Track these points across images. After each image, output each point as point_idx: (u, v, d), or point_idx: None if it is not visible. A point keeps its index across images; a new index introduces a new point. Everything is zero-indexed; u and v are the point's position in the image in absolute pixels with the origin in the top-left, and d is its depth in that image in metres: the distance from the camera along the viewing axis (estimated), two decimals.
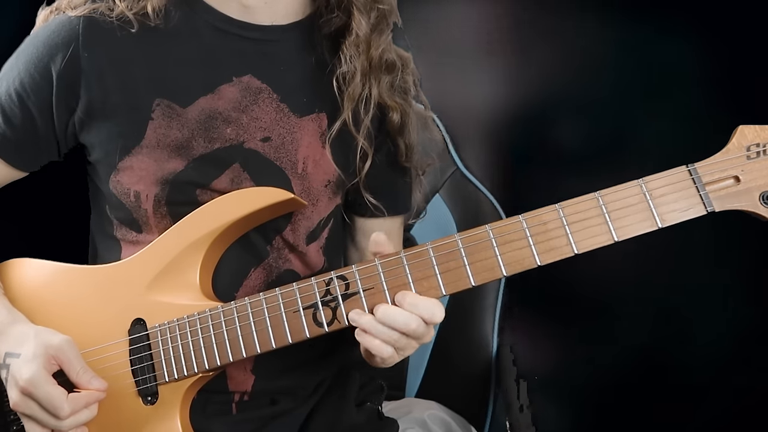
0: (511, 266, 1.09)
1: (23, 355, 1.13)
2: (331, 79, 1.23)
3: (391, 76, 1.26)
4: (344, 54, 1.22)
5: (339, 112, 1.23)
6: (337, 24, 1.24)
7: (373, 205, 1.30)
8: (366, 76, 1.23)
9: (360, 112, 1.24)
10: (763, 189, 1.06)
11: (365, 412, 1.35)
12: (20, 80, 1.22)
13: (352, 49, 1.22)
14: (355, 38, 1.22)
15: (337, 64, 1.23)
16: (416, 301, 1.09)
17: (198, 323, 1.17)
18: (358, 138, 1.24)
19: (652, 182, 1.07)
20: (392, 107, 1.26)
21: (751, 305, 1.51)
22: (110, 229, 1.27)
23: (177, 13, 1.23)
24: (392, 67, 1.26)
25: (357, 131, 1.23)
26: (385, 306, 1.10)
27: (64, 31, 1.21)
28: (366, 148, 1.25)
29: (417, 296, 1.10)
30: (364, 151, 1.25)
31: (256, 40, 1.24)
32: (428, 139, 1.37)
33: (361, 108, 1.24)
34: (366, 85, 1.23)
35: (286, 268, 1.27)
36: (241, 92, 1.23)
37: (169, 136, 1.21)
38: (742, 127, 1.07)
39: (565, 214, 1.08)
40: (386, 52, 1.25)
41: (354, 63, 1.22)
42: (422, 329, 1.10)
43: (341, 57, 1.23)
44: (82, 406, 1.13)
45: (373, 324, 1.10)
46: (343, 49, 1.22)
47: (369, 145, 1.25)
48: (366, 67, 1.22)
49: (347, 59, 1.22)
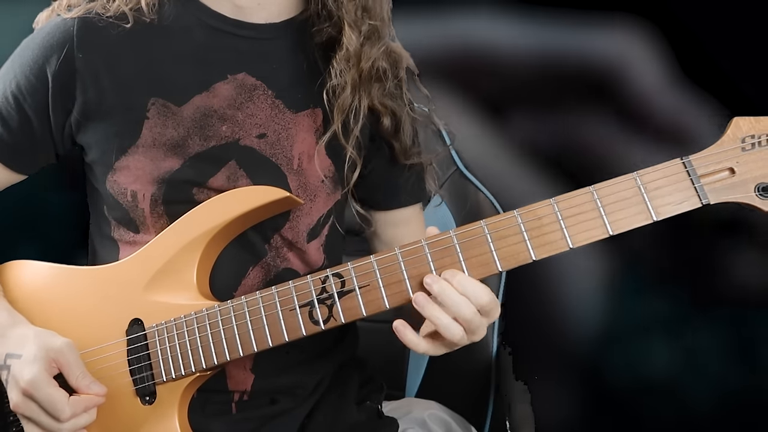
0: (506, 261, 1.08)
1: (24, 356, 1.13)
2: (322, 92, 1.23)
3: (382, 83, 1.26)
4: (334, 68, 1.22)
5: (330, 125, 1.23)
6: (329, 35, 1.24)
7: (360, 215, 1.31)
8: (356, 88, 1.23)
9: (350, 122, 1.24)
10: (758, 180, 1.05)
11: (365, 411, 1.35)
12: (16, 83, 1.23)
13: (342, 64, 1.22)
14: (345, 52, 1.22)
15: (327, 78, 1.23)
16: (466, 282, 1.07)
17: (195, 322, 1.17)
18: (347, 148, 1.24)
19: (646, 175, 1.06)
20: (382, 111, 1.26)
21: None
22: (108, 230, 1.27)
23: (171, 9, 1.24)
24: (384, 75, 1.26)
25: (346, 141, 1.23)
26: (462, 275, 1.07)
27: (58, 32, 1.22)
28: (355, 157, 1.24)
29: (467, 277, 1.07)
30: (352, 160, 1.25)
31: (249, 38, 1.24)
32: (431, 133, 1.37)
33: (351, 118, 1.24)
34: (356, 96, 1.23)
35: (284, 266, 1.27)
36: (236, 89, 1.23)
37: (165, 134, 1.22)
38: (737, 118, 1.07)
39: (559, 208, 1.07)
40: (377, 61, 1.24)
41: (344, 77, 1.22)
42: (492, 305, 1.07)
43: (331, 71, 1.22)
44: (82, 409, 1.13)
45: (451, 292, 1.06)
46: (333, 64, 1.22)
47: (358, 155, 1.25)
48: (356, 79, 1.22)
49: (338, 74, 1.22)
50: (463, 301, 1.07)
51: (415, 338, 1.09)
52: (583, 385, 1.64)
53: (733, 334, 1.58)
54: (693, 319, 1.56)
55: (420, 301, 1.08)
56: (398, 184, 1.33)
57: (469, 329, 1.08)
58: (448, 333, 1.07)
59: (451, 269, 1.08)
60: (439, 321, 1.07)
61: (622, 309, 1.60)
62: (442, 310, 1.07)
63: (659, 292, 1.57)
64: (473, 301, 1.07)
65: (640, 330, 1.58)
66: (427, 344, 1.10)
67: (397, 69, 1.28)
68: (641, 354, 1.58)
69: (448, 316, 1.07)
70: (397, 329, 1.08)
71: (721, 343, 1.58)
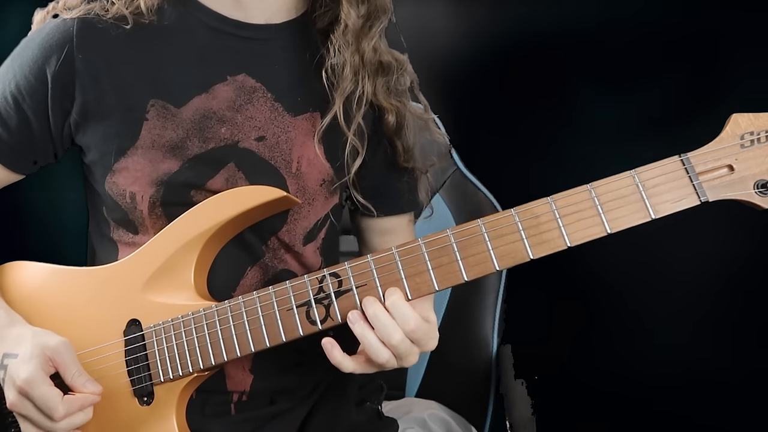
0: (503, 260, 1.08)
1: (21, 355, 1.13)
2: (321, 72, 1.23)
3: (387, 77, 1.25)
4: (333, 45, 1.22)
5: (329, 108, 1.23)
6: (329, 18, 1.24)
7: (362, 205, 1.29)
8: (357, 72, 1.22)
9: (352, 108, 1.23)
10: (757, 178, 1.04)
11: (364, 412, 1.35)
12: (15, 83, 1.23)
13: (341, 40, 1.21)
14: (344, 28, 1.21)
15: (326, 56, 1.23)
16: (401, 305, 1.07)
17: (192, 323, 1.16)
18: (347, 134, 1.23)
19: (644, 173, 1.05)
20: (388, 108, 1.25)
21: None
22: (107, 231, 1.27)
23: (171, 11, 1.24)
24: (388, 68, 1.25)
25: (347, 127, 1.23)
26: (396, 297, 1.07)
27: (58, 33, 1.22)
28: (356, 145, 1.23)
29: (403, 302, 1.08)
30: (354, 147, 1.24)
31: (250, 39, 1.24)
32: (428, 140, 1.36)
33: (353, 104, 1.23)
34: (359, 82, 1.22)
35: (282, 267, 1.27)
36: (236, 91, 1.23)
37: (164, 136, 1.21)
38: (736, 115, 1.06)
39: (557, 206, 1.07)
40: (381, 53, 1.24)
41: (343, 54, 1.21)
42: (419, 333, 1.07)
43: (330, 48, 1.22)
44: (76, 408, 1.12)
45: (382, 315, 1.06)
46: (332, 40, 1.22)
47: (361, 143, 1.24)
48: (357, 62, 1.22)
49: (336, 50, 1.21)
50: (391, 325, 1.07)
51: (340, 356, 1.10)
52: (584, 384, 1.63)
53: None
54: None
55: (352, 318, 1.09)
56: (392, 190, 1.32)
57: (397, 354, 1.08)
58: (374, 354, 1.08)
59: (393, 287, 1.08)
60: (366, 341, 1.08)
61: (623, 306, 1.59)
62: (372, 331, 1.08)
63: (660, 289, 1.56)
64: (401, 325, 1.07)
65: (641, 327, 1.57)
66: (354, 363, 1.10)
67: (402, 68, 1.28)
68: (641, 352, 1.58)
69: (375, 337, 1.08)
70: (325, 347, 1.09)
71: None
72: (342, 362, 1.10)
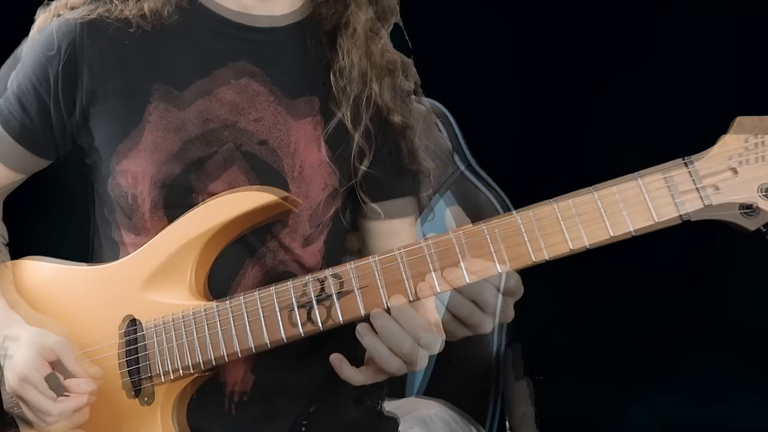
0: (505, 263, 1.07)
1: (16, 357, 1.15)
2: (328, 74, 1.22)
3: (393, 77, 1.25)
4: (341, 48, 1.22)
5: (336, 111, 1.23)
6: (336, 20, 1.24)
7: (366, 207, 1.28)
8: (365, 74, 1.22)
9: (360, 111, 1.23)
10: (761, 181, 1.03)
11: (365, 411, 1.34)
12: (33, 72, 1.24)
13: (349, 43, 1.21)
14: (352, 32, 1.21)
15: (334, 59, 1.22)
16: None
17: (193, 322, 1.16)
18: (354, 136, 1.23)
19: (648, 176, 1.05)
20: (394, 109, 1.25)
21: None
22: (109, 231, 1.28)
23: (174, 15, 1.23)
24: (394, 68, 1.25)
25: (354, 129, 1.22)
26: (402, 304, 1.07)
27: (62, 31, 1.23)
28: (364, 146, 1.23)
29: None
30: (360, 149, 1.24)
31: (253, 42, 1.24)
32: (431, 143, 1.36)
33: (361, 107, 1.23)
34: (366, 84, 1.22)
35: (282, 269, 1.27)
36: (239, 95, 1.23)
37: (167, 139, 1.21)
38: (740, 118, 1.05)
39: (560, 209, 1.06)
40: (387, 52, 1.24)
41: (351, 57, 1.21)
42: (429, 338, 1.07)
43: (338, 51, 1.22)
44: (70, 411, 1.14)
45: (392, 327, 1.06)
46: (340, 43, 1.22)
47: (368, 145, 1.24)
48: (365, 65, 1.22)
49: (344, 53, 1.21)
50: (401, 334, 1.06)
51: (349, 371, 1.10)
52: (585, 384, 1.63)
53: None
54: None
55: (361, 331, 1.08)
56: (396, 192, 1.31)
57: (408, 361, 1.08)
58: (385, 364, 1.08)
59: (397, 295, 1.08)
60: (376, 352, 1.08)
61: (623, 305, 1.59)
62: (381, 342, 1.07)
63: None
64: (410, 333, 1.06)
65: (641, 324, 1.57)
66: (364, 375, 1.10)
67: (407, 69, 1.28)
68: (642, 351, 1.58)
69: (386, 348, 1.07)
70: (333, 364, 1.10)
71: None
72: (352, 377, 1.10)
